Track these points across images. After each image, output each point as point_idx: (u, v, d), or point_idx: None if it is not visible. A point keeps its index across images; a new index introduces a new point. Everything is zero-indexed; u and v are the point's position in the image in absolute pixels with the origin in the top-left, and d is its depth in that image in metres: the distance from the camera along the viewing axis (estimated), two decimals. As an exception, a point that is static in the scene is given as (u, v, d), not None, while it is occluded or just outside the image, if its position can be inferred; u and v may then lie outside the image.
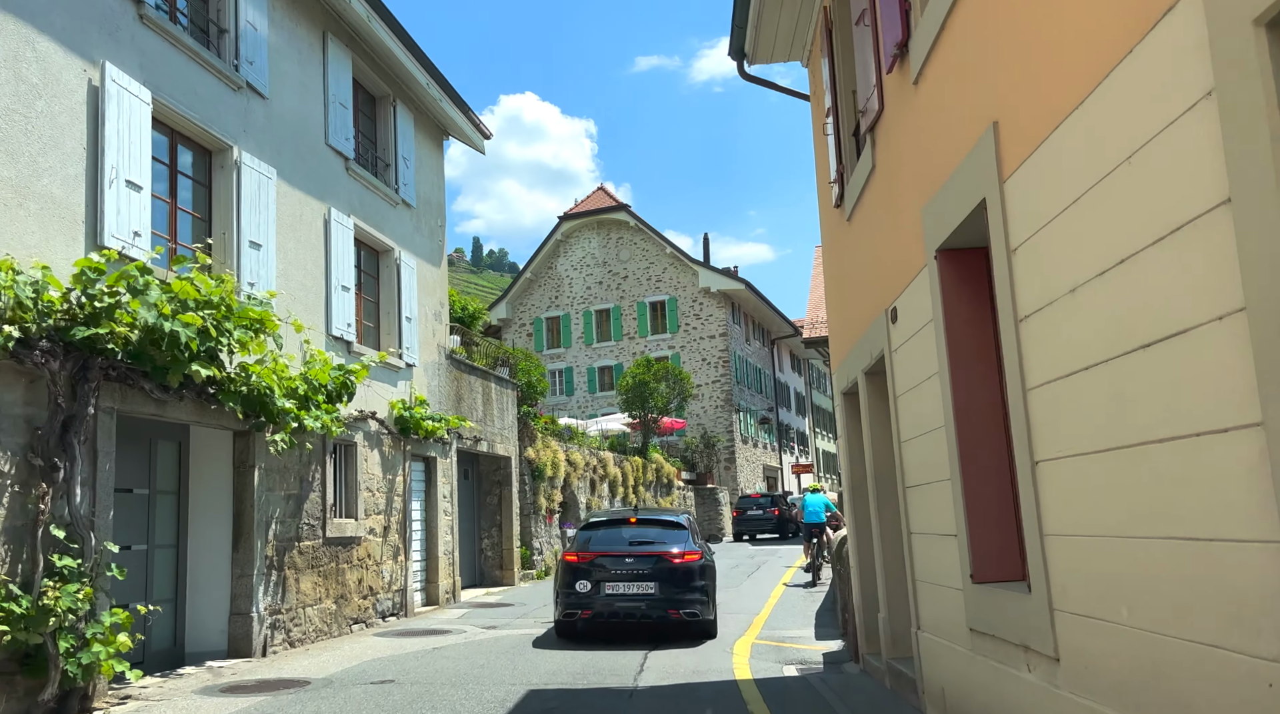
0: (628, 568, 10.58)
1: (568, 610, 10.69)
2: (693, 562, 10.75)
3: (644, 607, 10.49)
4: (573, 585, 10.63)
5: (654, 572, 10.55)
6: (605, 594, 10.52)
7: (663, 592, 10.49)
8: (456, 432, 15.37)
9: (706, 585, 10.81)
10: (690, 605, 10.53)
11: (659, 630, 10.90)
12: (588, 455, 24.00)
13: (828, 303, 9.68)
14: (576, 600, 10.60)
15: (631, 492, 27.58)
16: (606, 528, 11.38)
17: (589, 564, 10.67)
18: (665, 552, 10.77)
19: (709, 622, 10.86)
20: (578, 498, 23.04)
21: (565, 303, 45.64)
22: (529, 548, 19.22)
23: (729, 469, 41.61)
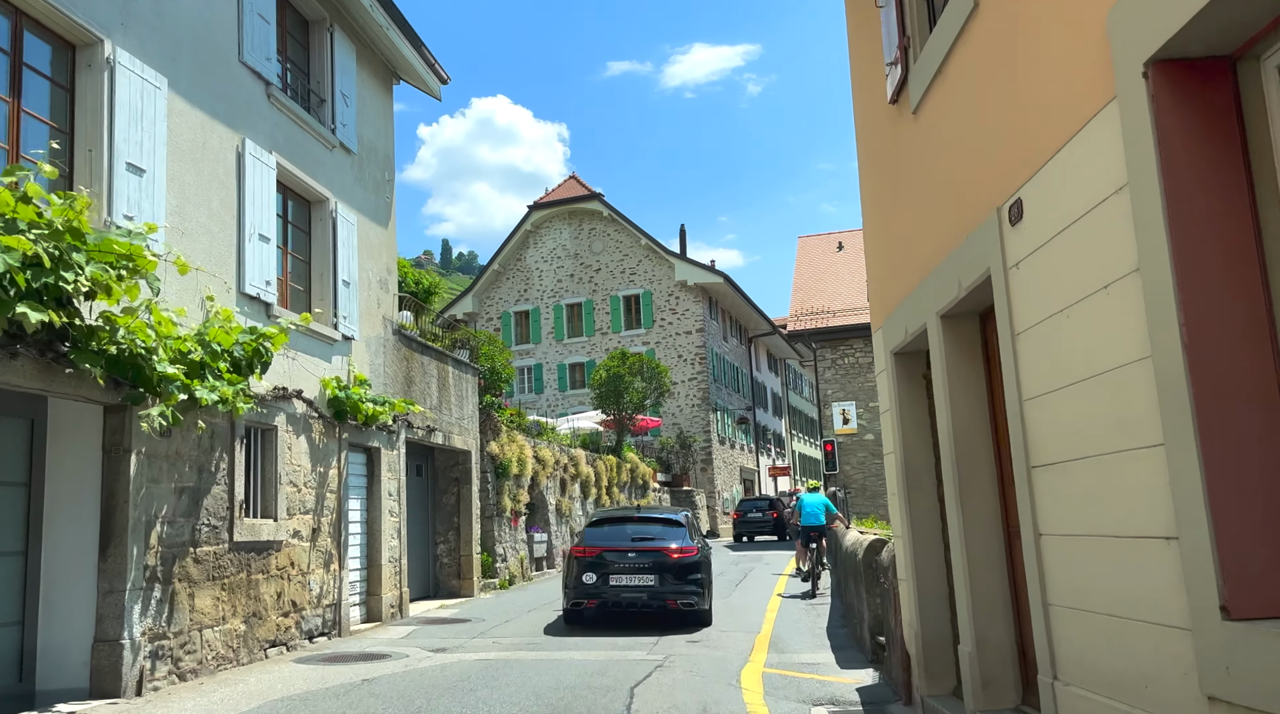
0: (630, 562, 11.56)
1: (575, 600, 11.63)
2: (689, 557, 11.70)
3: (645, 597, 11.46)
4: (580, 577, 11.59)
5: (654, 566, 11.53)
6: (610, 585, 11.50)
7: (662, 584, 11.48)
8: (405, 419, 13.23)
9: (702, 578, 11.73)
10: (687, 597, 11.50)
11: (660, 621, 11.83)
12: (558, 452, 21.90)
13: (866, 240, 7.68)
14: (584, 590, 11.55)
15: (605, 493, 25.51)
16: (611, 524, 12.40)
17: (595, 558, 11.62)
18: (665, 547, 11.72)
19: (704, 611, 11.82)
20: (546, 499, 20.93)
21: (535, 296, 43.50)
22: (491, 554, 17.09)
23: (705, 471, 39.67)
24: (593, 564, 11.60)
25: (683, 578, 11.55)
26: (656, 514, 12.91)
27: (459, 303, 44.11)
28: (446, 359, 15.28)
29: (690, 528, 12.59)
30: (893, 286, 6.74)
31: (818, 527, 15.44)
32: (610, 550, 11.67)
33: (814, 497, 15.85)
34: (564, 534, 21.94)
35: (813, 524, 15.46)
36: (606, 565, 11.55)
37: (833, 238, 36.21)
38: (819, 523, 15.47)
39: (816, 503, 15.67)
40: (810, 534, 15.41)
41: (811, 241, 36.39)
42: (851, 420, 30.57)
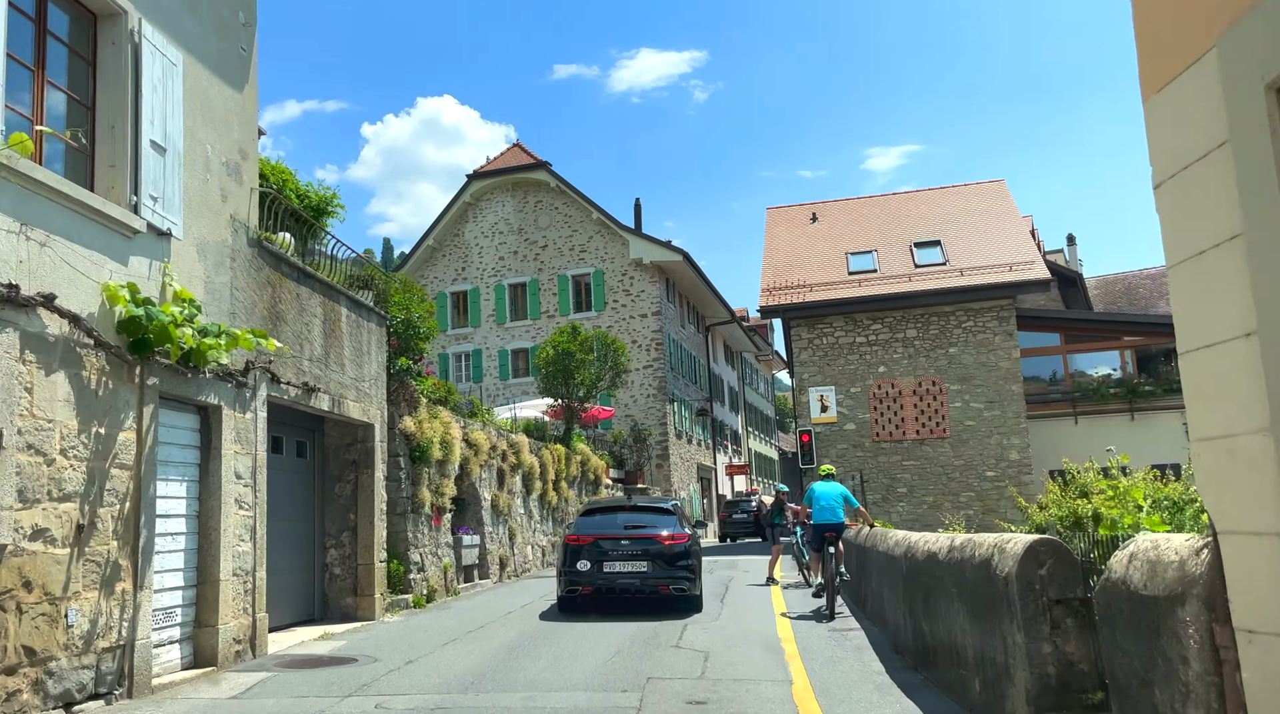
0: (623, 549, 11.86)
1: (570, 587, 11.89)
2: (680, 544, 12.00)
3: (638, 583, 11.76)
4: (575, 564, 11.85)
5: (646, 552, 11.85)
6: (605, 571, 11.78)
7: (654, 570, 11.78)
8: (266, 367, 9.18)
9: (693, 564, 12.07)
10: (679, 582, 11.82)
11: (650, 612, 11.74)
12: (494, 437, 17.89)
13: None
14: (578, 577, 11.82)
15: (552, 487, 21.55)
16: (604, 513, 12.87)
17: (590, 545, 11.89)
18: (656, 534, 12.01)
19: (695, 596, 12.14)
20: (480, 493, 16.91)
21: (474, 275, 39.34)
22: (403, 562, 13.05)
23: (661, 467, 35.88)
24: (587, 551, 11.92)
25: (674, 564, 11.91)
26: (647, 503, 13.62)
27: (389, 282, 39.70)
28: (339, 297, 11.23)
29: (680, 516, 13.02)
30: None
31: (835, 525, 11.70)
32: (604, 538, 12.02)
33: (829, 486, 12.09)
34: (502, 536, 17.94)
35: (829, 521, 11.71)
36: (600, 552, 11.90)
37: (805, 209, 32.72)
38: (837, 520, 11.73)
39: (833, 494, 11.91)
40: (826, 535, 11.65)
41: (782, 213, 32.87)
42: (831, 407, 27.04)
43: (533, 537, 20.25)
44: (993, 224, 29.18)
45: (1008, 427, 26.01)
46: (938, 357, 26.52)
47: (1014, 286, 25.93)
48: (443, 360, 38.38)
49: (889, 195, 32.74)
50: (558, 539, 21.91)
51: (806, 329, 27.42)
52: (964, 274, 26.65)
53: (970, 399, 26.26)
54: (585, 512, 13.16)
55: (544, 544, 21.06)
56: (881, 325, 26.95)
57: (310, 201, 11.64)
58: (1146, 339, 28.70)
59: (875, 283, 27.35)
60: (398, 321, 13.39)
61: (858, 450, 26.84)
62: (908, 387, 26.63)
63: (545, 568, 20.73)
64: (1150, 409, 27.48)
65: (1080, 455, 24.99)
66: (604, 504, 13.80)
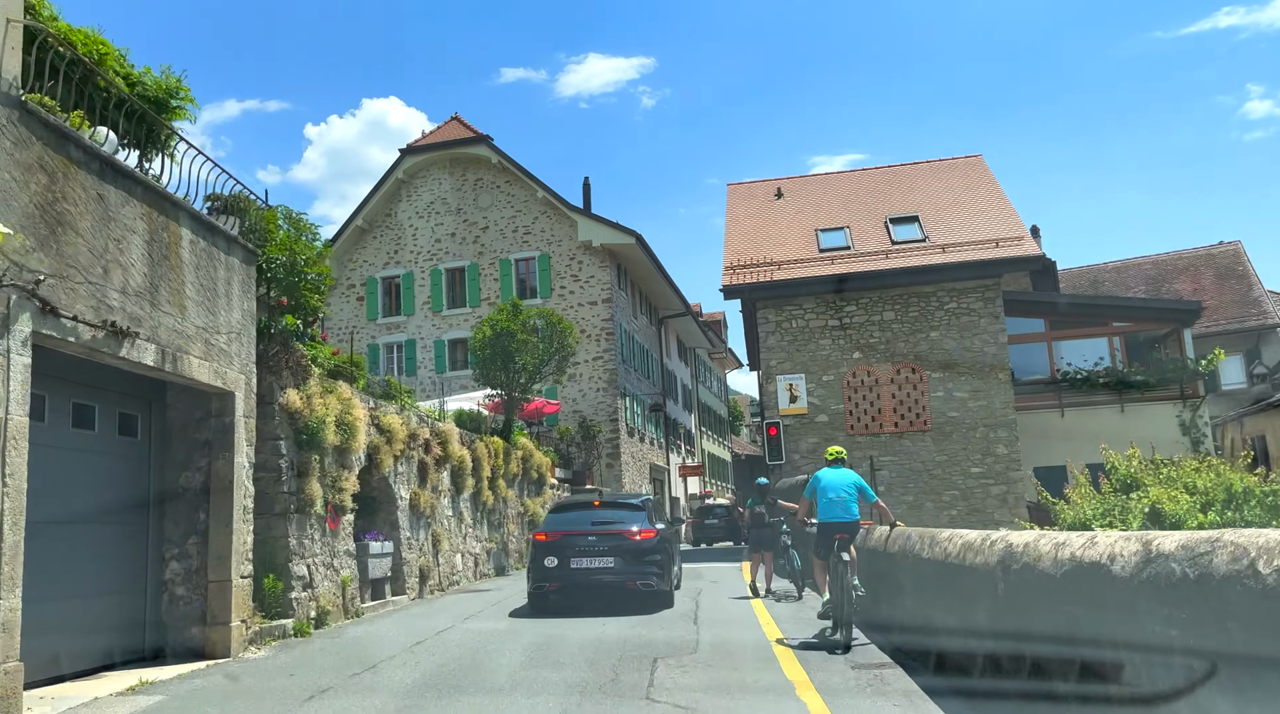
0: (590, 545, 11.84)
1: (538, 583, 11.88)
2: (648, 539, 11.93)
3: (605, 579, 11.69)
4: (542, 561, 11.85)
5: (613, 548, 11.80)
6: (571, 568, 11.72)
7: (621, 566, 11.72)
8: (29, 290, 6.11)
9: (661, 560, 11.98)
10: (646, 578, 11.72)
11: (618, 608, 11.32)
12: (415, 424, 14.84)
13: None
14: (546, 574, 11.80)
15: (488, 486, 18.52)
16: (574, 510, 13.02)
17: (557, 541, 11.89)
18: (625, 530, 11.98)
19: (665, 592, 12.02)
20: (394, 490, 13.85)
21: (408, 259, 36.08)
22: (282, 577, 9.96)
23: (612, 467, 32.99)
24: (553, 548, 11.86)
25: (641, 559, 11.80)
26: (619, 499, 13.60)
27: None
28: (178, 213, 8.14)
29: (651, 511, 12.83)
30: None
31: (849, 525, 8.91)
32: (572, 534, 11.96)
33: (839, 474, 9.29)
34: (423, 542, 14.88)
35: (840, 519, 8.92)
36: (568, 549, 11.81)
37: (769, 184, 30.13)
38: (850, 517, 8.95)
39: (844, 483, 9.12)
40: (837, 537, 8.86)
41: (744, 189, 30.24)
42: (801, 397, 24.40)
43: (463, 543, 17.21)
44: (974, 199, 26.88)
45: (994, 418, 23.61)
46: (918, 341, 24.05)
47: (1003, 264, 23.56)
48: (373, 351, 35.07)
49: (859, 171, 30.31)
50: (494, 546, 18.88)
51: (774, 311, 24.77)
52: (946, 251, 24.24)
53: (953, 388, 23.83)
54: (555, 509, 13.46)
55: (477, 552, 18.03)
56: (856, 307, 24.41)
57: (145, 91, 8.54)
58: (1135, 325, 26.64)
59: (849, 261, 24.82)
60: (278, 266, 10.32)
61: (830, 445, 24.17)
62: (885, 374, 24.12)
63: (479, 579, 17.70)
64: (1141, 400, 25.38)
65: (1068, 451, 22.46)
66: (575, 501, 13.99)
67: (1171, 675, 3.34)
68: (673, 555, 12.74)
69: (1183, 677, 3.22)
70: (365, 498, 13.53)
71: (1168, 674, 3.34)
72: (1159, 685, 3.40)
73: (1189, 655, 3.19)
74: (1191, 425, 25.29)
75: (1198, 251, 41.29)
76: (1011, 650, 5.11)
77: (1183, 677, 3.22)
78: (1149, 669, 3.49)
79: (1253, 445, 28.49)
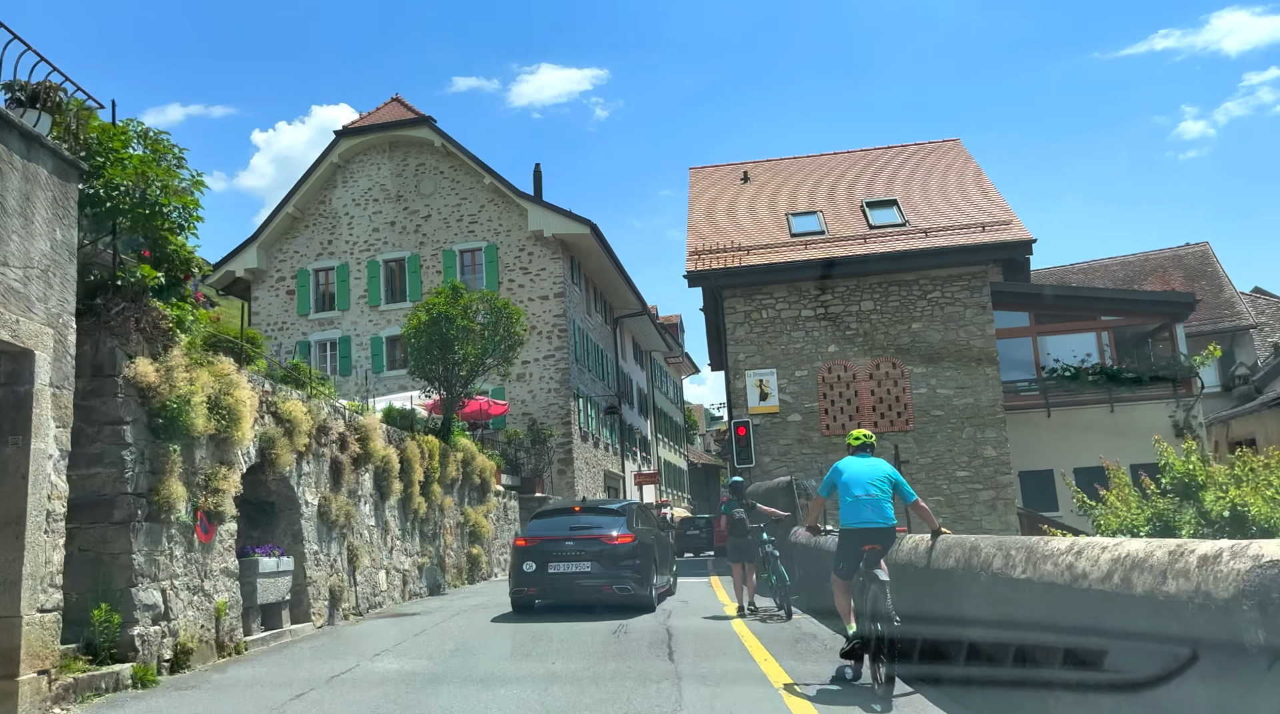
0: (568, 550, 11.87)
1: (517, 588, 12.08)
2: (625, 544, 11.87)
3: (583, 583, 11.71)
4: (521, 566, 12.02)
5: (590, 553, 11.79)
6: (549, 572, 11.79)
7: (598, 570, 11.72)
8: None
9: (639, 564, 11.86)
10: (622, 582, 11.67)
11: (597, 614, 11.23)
12: (326, 414, 12.32)
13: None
14: (524, 579, 11.95)
15: (419, 492, 15.99)
16: (556, 515, 13.18)
17: (535, 546, 12.01)
18: (603, 535, 11.95)
19: (644, 597, 11.84)
20: (298, 494, 11.31)
21: (343, 250, 33.34)
22: (120, 607, 7.40)
23: (564, 473, 30.53)
24: (532, 553, 11.97)
25: (618, 564, 11.76)
26: (601, 505, 13.78)
27: (238, 256, 33.35)
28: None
29: (632, 516, 12.76)
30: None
31: (884, 531, 6.65)
32: (550, 539, 12.05)
33: (867, 465, 6.99)
34: (335, 557, 12.34)
35: (872, 524, 6.65)
36: (546, 554, 11.88)
37: (734, 168, 28.03)
38: (886, 521, 6.67)
39: (874, 475, 6.84)
40: (867, 548, 6.59)
41: (707, 173, 28.11)
42: (772, 395, 22.25)
43: (388, 558, 14.68)
44: (955, 183, 25.04)
45: (982, 417, 21.68)
46: (899, 333, 22.06)
47: (992, 248, 21.69)
48: (303, 349, 32.23)
49: (830, 155, 28.34)
50: (426, 561, 16.38)
51: (742, 301, 22.62)
52: (929, 236, 22.31)
53: (937, 384, 21.86)
54: (538, 515, 13.66)
55: (406, 568, 15.50)
56: (832, 296, 22.35)
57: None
58: (1125, 319, 24.97)
59: (823, 245, 22.77)
60: (122, 195, 7.79)
61: (804, 446, 22.09)
62: (863, 369, 22.08)
63: (407, 600, 15.18)
64: (1133, 399, 23.67)
65: (1056, 454, 20.56)
66: (557, 507, 14.40)
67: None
68: (654, 560, 12.55)
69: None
70: (258, 503, 10.99)
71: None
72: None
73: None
74: (1186, 425, 23.61)
75: (1165, 253, 40.18)
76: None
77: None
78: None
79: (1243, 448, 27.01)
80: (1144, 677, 3.57)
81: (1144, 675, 3.57)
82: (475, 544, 19.57)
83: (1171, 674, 3.36)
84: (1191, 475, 10.14)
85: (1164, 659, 3.41)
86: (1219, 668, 3.13)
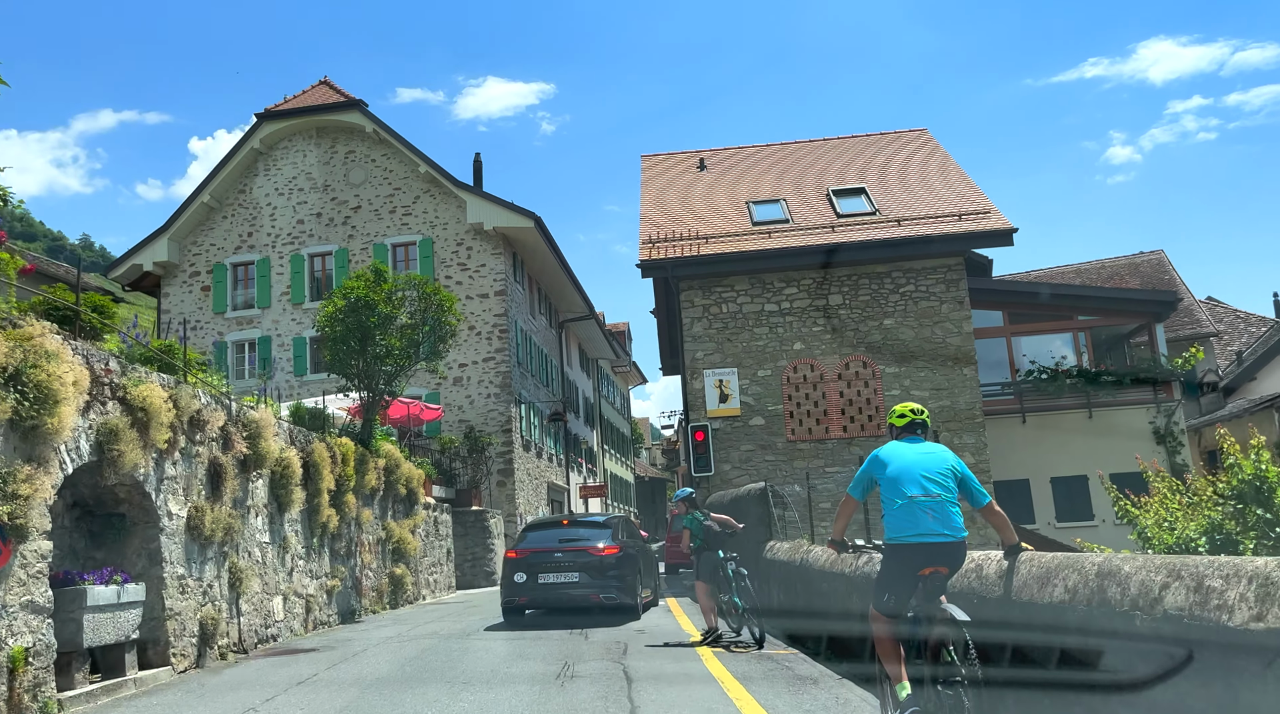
0: (557, 561, 12.46)
1: (508, 599, 12.62)
2: (611, 555, 12.43)
3: (571, 592, 12.23)
4: (512, 577, 12.59)
5: (578, 564, 12.35)
6: (539, 583, 12.38)
7: (586, 580, 12.26)
8: None
9: (624, 574, 12.48)
10: (609, 591, 12.23)
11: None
12: (201, 402, 9.94)
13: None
14: (516, 590, 12.51)
15: (329, 502, 13.61)
16: (546, 529, 13.76)
17: (526, 558, 12.58)
18: (590, 546, 12.55)
19: (629, 605, 12.41)
20: (156, 502, 8.91)
21: (264, 243, 30.65)
22: None
23: (504, 485, 28.17)
24: (523, 564, 12.51)
25: (605, 574, 12.29)
26: (588, 519, 14.63)
27: (147, 247, 30.45)
28: None
29: (617, 529, 13.32)
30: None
31: (951, 548, 4.63)
32: (540, 551, 12.62)
33: (923, 452, 4.94)
34: (210, 582, 9.93)
35: (936, 537, 4.60)
36: (536, 565, 12.43)
37: (690, 155, 26.11)
38: (955, 533, 4.65)
39: (934, 466, 4.81)
40: (930, 566, 4.56)
41: (661, 160, 26.15)
42: (733, 396, 20.27)
43: (287, 581, 12.28)
44: (926, 171, 23.42)
45: (960, 421, 19.94)
46: (869, 330, 20.27)
47: (971, 238, 20.03)
48: (220, 350, 29.47)
49: (792, 143, 26.55)
50: (338, 583, 14.01)
51: (700, 293, 20.63)
52: (901, 225, 20.58)
53: (911, 385, 20.08)
54: (528, 527, 14.10)
55: (312, 591, 13.10)
56: (797, 289, 20.49)
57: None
58: (1103, 319, 23.57)
59: (788, 234, 20.91)
60: None
61: (768, 452, 20.13)
62: (831, 368, 20.23)
63: (311, 631, 12.78)
64: (1112, 404, 22.25)
65: (1033, 462, 18.66)
66: (546, 521, 14.86)
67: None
68: (640, 570, 13.14)
69: None
70: (104, 516, 8.61)
71: None
72: None
73: None
74: (1167, 432, 22.23)
75: (1120, 260, 39.44)
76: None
77: None
78: None
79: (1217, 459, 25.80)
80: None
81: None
82: (399, 563, 17.18)
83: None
84: (1262, 477, 8.33)
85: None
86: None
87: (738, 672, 7.87)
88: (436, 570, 20.31)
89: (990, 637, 4.54)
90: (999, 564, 4.79)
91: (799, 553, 10.21)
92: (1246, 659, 2.83)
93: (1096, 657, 3.73)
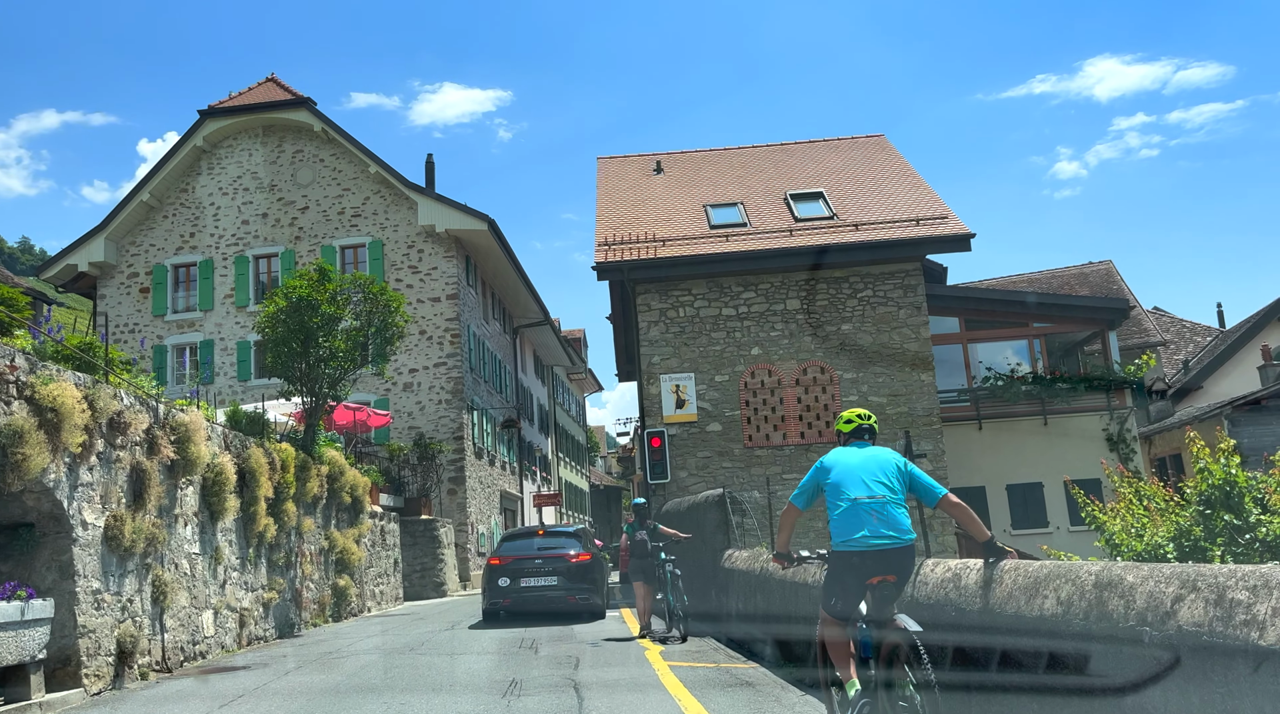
0: (537, 567, 13.79)
1: (492, 601, 13.79)
2: (584, 561, 14.00)
3: (550, 595, 13.59)
4: (496, 581, 13.76)
5: (556, 569, 13.77)
6: (521, 586, 13.63)
7: (563, 583, 13.68)
8: None
9: (595, 578, 14.08)
10: (583, 593, 13.72)
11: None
12: (123, 403, 9.27)
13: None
14: (499, 593, 13.68)
15: (266, 511, 12.94)
16: (521, 539, 15.00)
17: (509, 564, 13.82)
18: (565, 554, 14.05)
19: (598, 605, 14.05)
20: (68, 511, 8.24)
21: (207, 244, 29.68)
22: None
23: (455, 494, 27.50)
24: (506, 570, 13.71)
25: (579, 578, 13.75)
26: (558, 530, 15.96)
27: (82, 247, 29.29)
28: None
29: (584, 538, 15.27)
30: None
31: (898, 554, 4.21)
32: (521, 558, 13.87)
33: (868, 457, 4.53)
34: (130, 596, 9.25)
35: (883, 542, 4.19)
36: (518, 570, 13.67)
37: (646, 159, 25.75)
38: (902, 539, 4.23)
39: (879, 469, 4.41)
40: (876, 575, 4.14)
41: (617, 162, 25.74)
42: (690, 402, 19.89)
43: (219, 594, 11.59)
44: (883, 177, 23.29)
45: (917, 428, 19.72)
46: (827, 335, 20.01)
47: (929, 243, 19.87)
48: (159, 353, 28.46)
49: (749, 148, 26.33)
50: (275, 596, 13.32)
51: (658, 297, 20.24)
52: (860, 229, 20.39)
53: (869, 391, 19.87)
54: (505, 537, 15.32)
55: (247, 605, 12.41)
56: (755, 293, 20.18)
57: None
58: (1057, 326, 23.59)
59: (745, 238, 20.60)
60: None
61: (725, 459, 19.75)
62: (789, 373, 19.93)
63: (245, 647, 12.09)
64: (1067, 411, 22.22)
65: (989, 468, 18.47)
66: (520, 531, 15.85)
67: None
68: (605, 575, 14.73)
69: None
70: (10, 526, 7.93)
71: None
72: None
73: None
74: (1119, 439, 22.27)
75: (1070, 270, 39.93)
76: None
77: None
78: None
79: (1167, 466, 25.94)
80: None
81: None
82: (343, 574, 16.49)
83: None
84: (1232, 481, 8.11)
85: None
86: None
87: (669, 661, 7.43)
88: (383, 581, 19.62)
89: (974, 650, 4.14)
90: (979, 573, 4.42)
91: (758, 561, 9.81)
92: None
93: (1096, 676, 3.35)
